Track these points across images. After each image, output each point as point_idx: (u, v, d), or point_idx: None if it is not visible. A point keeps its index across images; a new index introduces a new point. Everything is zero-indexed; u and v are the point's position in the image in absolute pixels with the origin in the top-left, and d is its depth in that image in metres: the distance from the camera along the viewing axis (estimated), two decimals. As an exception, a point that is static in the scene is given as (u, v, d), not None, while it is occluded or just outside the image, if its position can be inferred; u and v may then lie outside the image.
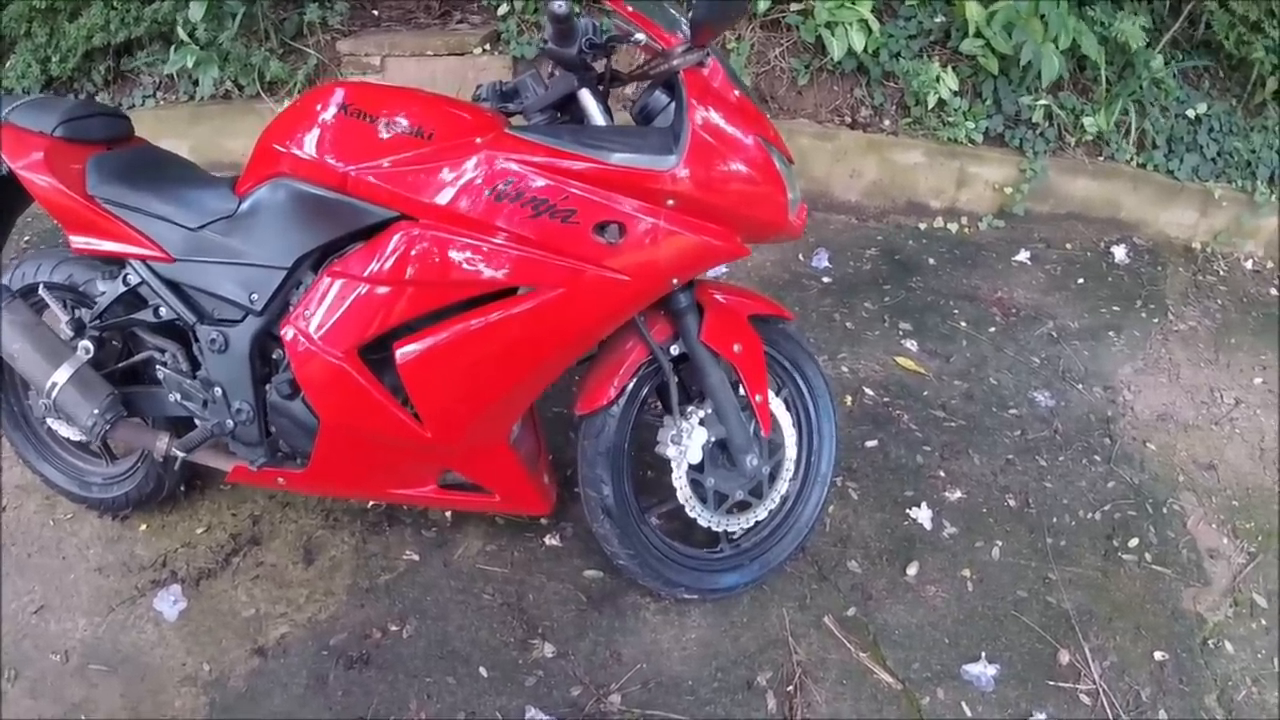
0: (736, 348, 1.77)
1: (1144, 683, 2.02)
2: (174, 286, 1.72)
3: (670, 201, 1.54)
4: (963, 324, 2.95)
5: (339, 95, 1.59)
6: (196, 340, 1.73)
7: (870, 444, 2.43)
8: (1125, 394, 2.79)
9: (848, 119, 3.54)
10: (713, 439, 1.84)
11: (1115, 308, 3.16)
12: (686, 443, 1.80)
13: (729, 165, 1.58)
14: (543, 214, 1.49)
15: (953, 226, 3.44)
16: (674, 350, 1.78)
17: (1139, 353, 2.98)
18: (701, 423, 1.82)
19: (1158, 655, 2.07)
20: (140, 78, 3.74)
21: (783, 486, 1.98)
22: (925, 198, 3.50)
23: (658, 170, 1.51)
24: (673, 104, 1.62)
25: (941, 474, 2.38)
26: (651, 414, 1.94)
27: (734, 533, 1.97)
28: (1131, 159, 3.54)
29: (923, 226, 3.44)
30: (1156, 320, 3.14)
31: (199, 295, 1.72)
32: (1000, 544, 2.23)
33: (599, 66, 1.73)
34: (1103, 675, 2.01)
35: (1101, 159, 3.54)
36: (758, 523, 1.98)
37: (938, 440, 2.49)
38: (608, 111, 1.66)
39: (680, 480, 1.85)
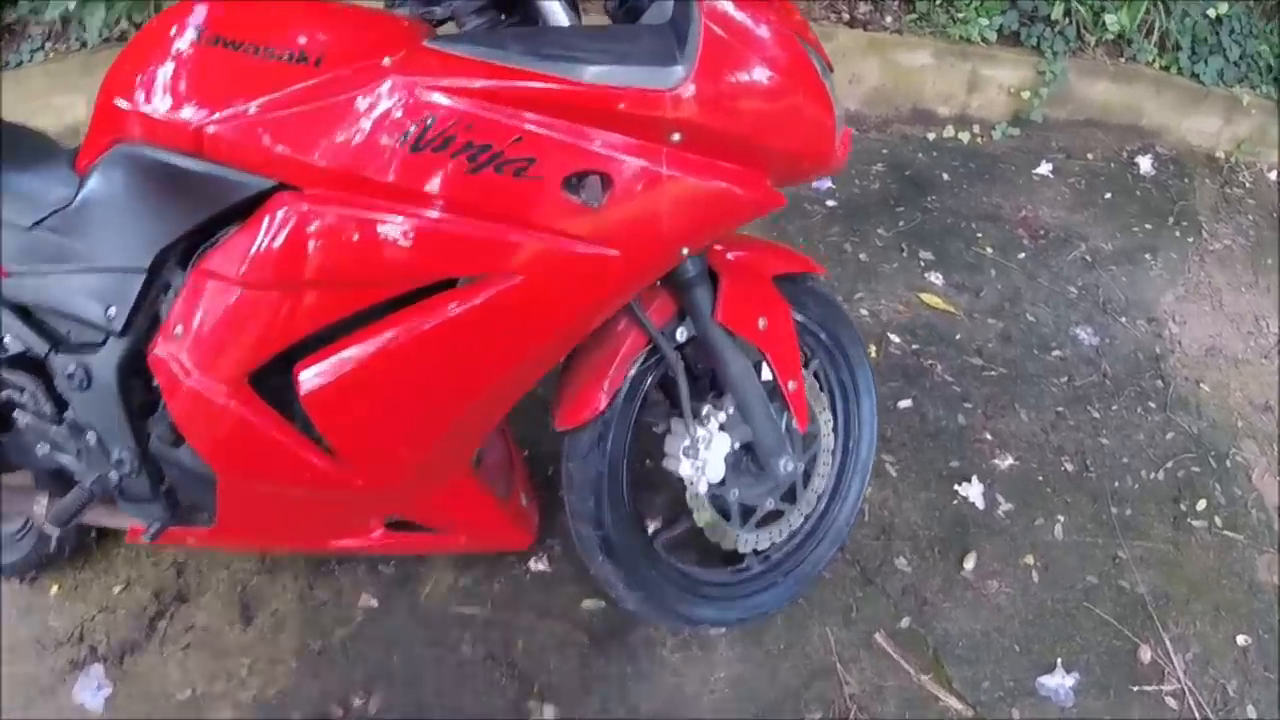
0: (761, 323, 1.27)
1: (1229, 674, 1.65)
2: (15, 306, 1.17)
3: (675, 136, 1.01)
4: (989, 250, 2.46)
5: (197, 16, 1.02)
6: (55, 374, 1.18)
7: (904, 404, 1.96)
8: (1171, 326, 2.34)
9: (845, 16, 2.93)
10: (736, 444, 1.34)
11: (1148, 226, 2.68)
12: (704, 456, 1.30)
13: (757, 78, 1.04)
14: (484, 166, 0.96)
15: (964, 136, 2.90)
16: (680, 334, 1.27)
17: (1178, 277, 2.52)
18: (722, 427, 1.32)
19: (1240, 640, 1.71)
20: (28, 29, 2.98)
21: (819, 484, 1.50)
22: (933, 104, 2.93)
23: (655, 90, 0.98)
24: None
25: (988, 436, 1.93)
26: (655, 409, 1.42)
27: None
28: (1154, 60, 3.00)
29: (931, 136, 2.89)
30: (1191, 240, 2.67)
31: (47, 315, 1.17)
32: (1062, 519, 1.80)
33: None
34: (1186, 671, 1.64)
35: (1123, 60, 2.99)
36: (791, 532, 1.51)
37: (979, 394, 2.02)
38: (574, 8, 1.09)
39: (697, 500, 1.36)
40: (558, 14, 1.05)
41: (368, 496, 1.17)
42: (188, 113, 0.99)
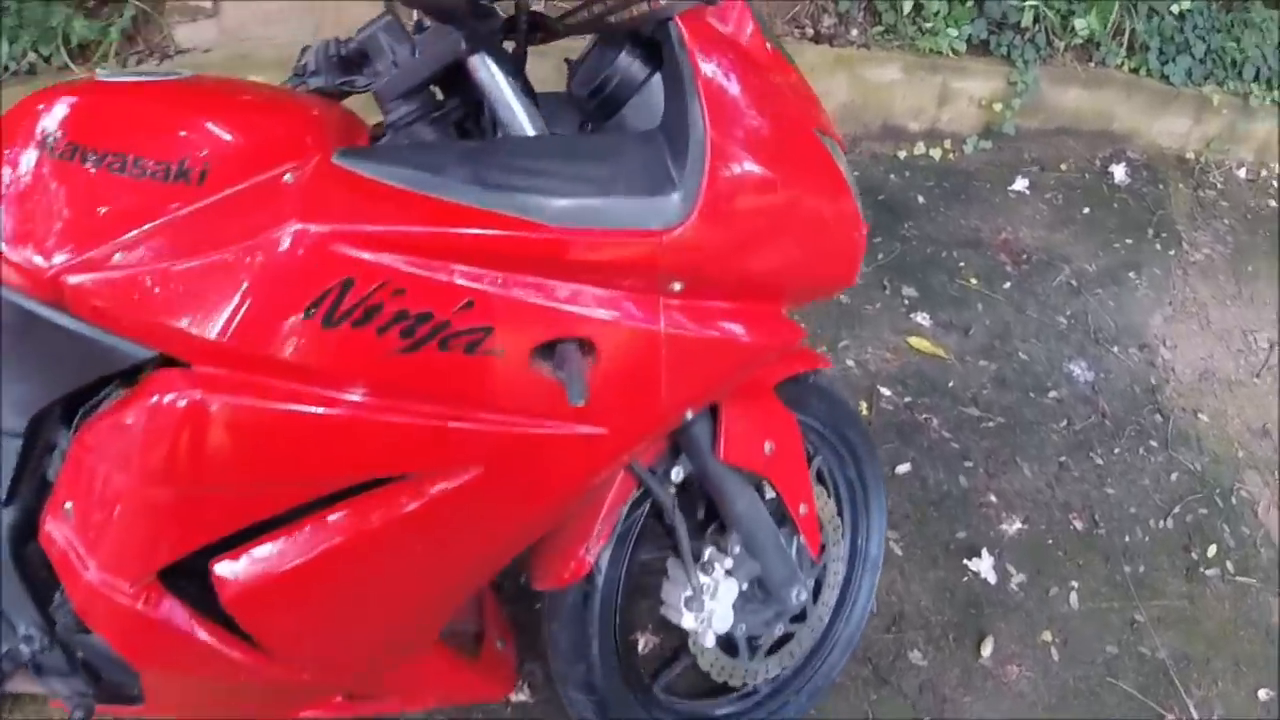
0: (768, 447, 1.08)
1: (1254, 734, 1.56)
2: None
3: (675, 285, 0.80)
4: (973, 281, 2.32)
5: (53, 116, 0.79)
6: None
7: (902, 469, 1.82)
8: (1163, 352, 2.24)
9: (809, 31, 2.76)
10: (744, 585, 1.18)
11: (1128, 240, 2.57)
12: (710, 606, 1.12)
13: (776, 196, 0.84)
14: (424, 342, 0.73)
15: (935, 152, 2.76)
16: (676, 474, 1.07)
17: (1164, 295, 2.42)
18: (728, 572, 1.15)
19: (1262, 694, 1.63)
20: (-65, 66, 2.68)
21: (830, 595, 1.36)
22: (903, 119, 2.78)
23: (649, 230, 0.76)
24: (655, 77, 0.86)
25: (992, 498, 1.80)
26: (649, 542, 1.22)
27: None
28: (1123, 64, 2.88)
29: (902, 155, 2.75)
30: (1173, 252, 2.57)
31: None
32: (1076, 584, 1.69)
33: (503, 9, 0.89)
34: (1213, 738, 1.54)
35: (1093, 65, 2.86)
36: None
37: (978, 449, 1.89)
38: (528, 93, 0.85)
39: (700, 647, 1.20)
40: (511, 112, 0.81)
41: (316, 686, 0.99)
42: (42, 254, 0.74)
